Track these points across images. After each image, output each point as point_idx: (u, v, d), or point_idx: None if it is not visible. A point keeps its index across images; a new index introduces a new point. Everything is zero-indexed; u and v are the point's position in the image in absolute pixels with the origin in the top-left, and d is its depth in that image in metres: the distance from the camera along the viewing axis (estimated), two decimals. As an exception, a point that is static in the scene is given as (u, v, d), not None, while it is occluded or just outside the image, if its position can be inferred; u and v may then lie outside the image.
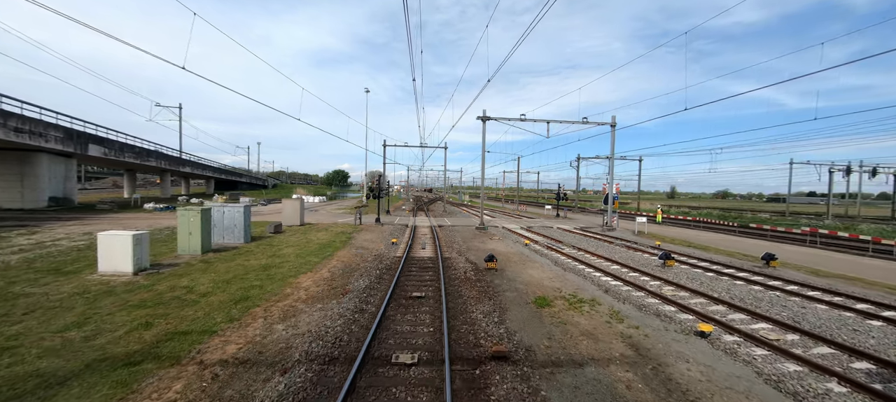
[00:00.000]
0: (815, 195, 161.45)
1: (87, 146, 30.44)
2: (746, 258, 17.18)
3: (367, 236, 21.05)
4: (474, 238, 21.93)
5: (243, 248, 15.95)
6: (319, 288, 10.55)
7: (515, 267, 13.88)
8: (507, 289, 10.93)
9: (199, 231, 13.94)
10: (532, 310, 9.10)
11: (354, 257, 15.07)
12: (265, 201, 51.16)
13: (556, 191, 40.07)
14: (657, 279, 12.43)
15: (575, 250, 18.47)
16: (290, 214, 23.86)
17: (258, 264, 13.10)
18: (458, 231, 24.98)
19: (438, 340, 7.06)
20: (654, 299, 10.28)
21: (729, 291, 11.23)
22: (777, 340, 7.44)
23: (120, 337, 6.89)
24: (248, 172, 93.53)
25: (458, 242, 20.31)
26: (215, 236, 16.90)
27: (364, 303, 9.30)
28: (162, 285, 10.30)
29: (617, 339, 7.35)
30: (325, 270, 12.78)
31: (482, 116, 25.68)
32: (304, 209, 24.75)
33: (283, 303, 9.22)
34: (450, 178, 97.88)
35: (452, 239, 21.19)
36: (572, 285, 11.53)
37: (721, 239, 24.33)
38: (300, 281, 11.21)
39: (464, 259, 15.12)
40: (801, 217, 51.97)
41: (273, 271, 12.23)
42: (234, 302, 9.10)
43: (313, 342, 6.85)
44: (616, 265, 14.82)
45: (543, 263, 14.85)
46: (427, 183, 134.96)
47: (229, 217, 16.93)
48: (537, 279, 12.10)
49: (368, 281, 11.37)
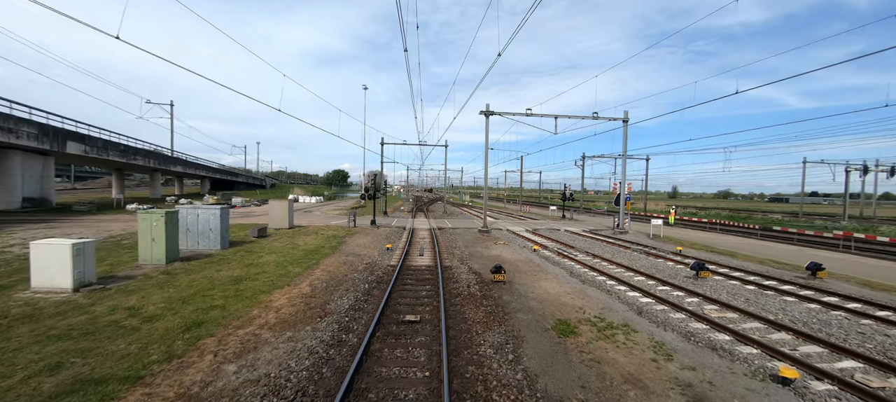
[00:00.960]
0: (817, 195, 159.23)
1: (66, 143, 28.67)
2: (784, 267, 15.36)
3: (360, 241, 19.25)
4: (477, 243, 20.14)
5: (218, 256, 14.16)
6: (294, 308, 8.76)
7: (526, 279, 12.08)
8: (519, 308, 9.13)
9: (164, 237, 12.16)
10: (553, 340, 7.30)
11: (342, 267, 13.28)
12: (259, 201, 49.39)
13: (560, 191, 38.25)
14: (694, 295, 10.62)
15: (590, 258, 16.66)
16: (278, 216, 22.07)
17: (229, 276, 11.32)
18: (460, 235, 23.19)
19: (436, 391, 5.27)
20: (700, 322, 8.47)
21: (784, 311, 9.43)
22: (883, 388, 5.64)
23: (5, 391, 5.10)
24: (245, 171, 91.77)
25: (460, 247, 18.51)
26: (188, 242, 15.13)
27: (344, 330, 7.50)
28: (103, 305, 8.52)
29: (673, 388, 5.55)
30: (306, 283, 10.99)
31: (485, 111, 23.88)
32: (292, 211, 22.98)
33: (246, 330, 7.43)
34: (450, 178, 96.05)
35: (453, 244, 19.39)
36: (596, 302, 9.73)
37: (744, 243, 22.51)
38: (273, 298, 9.42)
39: (466, 269, 13.32)
40: (815, 219, 50.13)
41: (244, 286, 10.45)
42: (184, 330, 7.32)
43: (266, 398, 5.06)
44: (640, 276, 13.01)
45: (557, 273, 13.05)
46: (427, 183, 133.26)
47: (204, 221, 15.15)
48: (553, 295, 10.30)
49: (354, 298, 9.58)
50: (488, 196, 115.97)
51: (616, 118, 25.20)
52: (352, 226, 24.67)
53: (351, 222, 24.88)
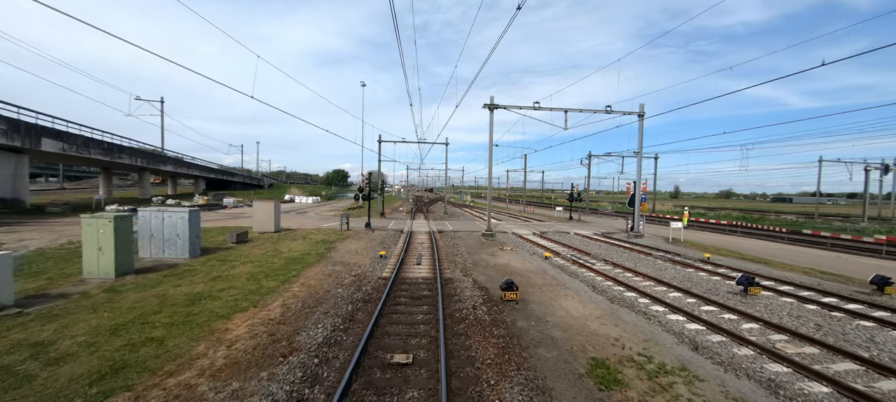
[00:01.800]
0: (822, 195, 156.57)
1: (40, 140, 26.82)
2: (835, 279, 13.42)
3: (352, 247, 17.34)
4: (481, 248, 18.21)
5: (183, 266, 12.26)
6: (254, 341, 6.86)
7: (542, 296, 10.16)
8: (539, 340, 7.22)
9: (112, 246, 10.26)
10: (592, 394, 5.39)
11: (326, 280, 11.37)
12: (250, 202, 47.48)
13: (563, 191, 36.36)
14: (749, 318, 8.70)
15: (610, 267, 14.73)
16: (263, 218, 20.18)
17: (187, 294, 9.42)
18: (462, 239, 21.27)
19: None
20: (777, 363, 6.54)
21: (874, 342, 7.50)
22: None
23: None
24: (242, 171, 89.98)
25: (462, 254, 16.60)
26: (153, 250, 13.24)
27: (310, 381, 5.60)
28: (8, 337, 6.64)
29: None
30: (278, 303, 9.09)
31: (489, 104, 21.95)
32: (279, 213, 21.09)
33: (179, 379, 5.53)
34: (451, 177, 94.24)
35: (455, 250, 17.48)
36: (635, 331, 7.80)
37: (774, 249, 20.57)
38: (231, 327, 7.52)
39: (470, 282, 11.41)
40: (831, 220, 48.12)
41: (201, 307, 8.55)
42: (96, 379, 5.44)
43: None
44: (676, 292, 11.09)
45: (577, 288, 11.12)
46: (428, 183, 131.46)
47: (170, 225, 13.25)
48: (579, 320, 8.38)
49: (333, 325, 7.67)
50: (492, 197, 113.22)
51: (631, 112, 23.26)
52: (344, 229, 22.77)
53: (343, 225, 22.97)
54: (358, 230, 22.92)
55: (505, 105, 22.28)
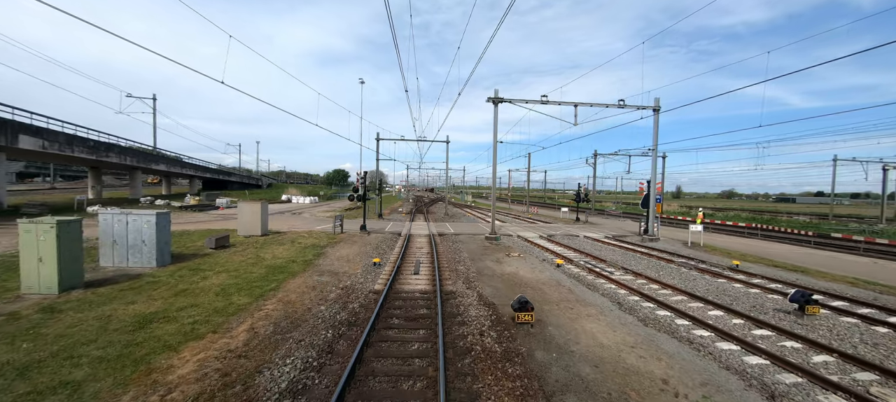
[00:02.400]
0: (823, 195, 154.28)
1: (17, 137, 25.32)
2: (891, 292, 11.82)
3: (343, 252, 15.80)
4: (485, 254, 16.65)
5: (147, 277, 10.71)
6: (198, 386, 5.30)
7: (561, 316, 8.59)
8: (567, 383, 5.64)
9: (55, 256, 8.72)
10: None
11: (309, 294, 9.82)
12: (247, 202, 45.99)
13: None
14: (820, 349, 7.12)
15: (631, 277, 13.15)
16: (248, 220, 18.63)
17: (136, 315, 7.87)
18: (464, 243, 19.70)
19: None
20: (885, 420, 4.96)
21: None
22: None
23: None
24: (239, 170, 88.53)
25: (465, 261, 15.04)
26: (115, 258, 11.70)
27: (259, 457, 4.02)
28: None
29: None
30: (246, 326, 7.53)
31: (494, 97, 20.38)
32: (266, 215, 19.54)
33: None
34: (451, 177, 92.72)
35: (457, 257, 15.92)
36: (685, 369, 6.22)
37: (801, 254, 18.95)
38: (176, 362, 5.96)
39: (476, 298, 9.83)
40: (847, 221, 46.42)
41: (147, 333, 7.00)
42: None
43: None
44: (715, 309, 9.50)
45: (602, 305, 9.54)
46: (428, 182, 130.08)
47: (135, 231, 11.70)
48: (612, 350, 6.81)
49: (305, 361, 6.11)
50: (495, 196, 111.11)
51: (645, 106, 21.65)
52: (337, 232, 21.21)
53: (337, 228, 21.41)
54: (352, 233, 21.36)
55: (510, 99, 20.70)
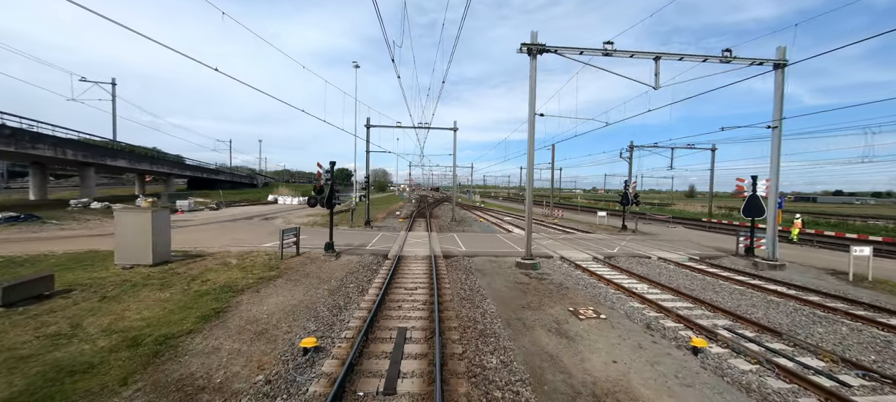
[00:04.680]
0: (842, 194, 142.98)
1: None
2: None
3: (266, 308, 8.46)
4: (529, 307, 9.19)
5: None
6: None
7: None
8: None
9: None
10: None
11: None
12: (219, 203, 39.05)
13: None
14: None
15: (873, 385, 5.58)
16: (133, 241, 11.38)
17: None
18: (485, 275, 12.31)
19: None
20: None
21: None
22: None
23: None
24: (229, 169, 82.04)
25: (496, 331, 7.59)
26: None
27: None
28: None
29: None
30: None
31: (531, 44, 12.94)
32: (167, 229, 12.30)
33: None
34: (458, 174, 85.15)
35: (478, 315, 8.50)
36: None
37: None
38: None
39: None
40: None
41: None
42: None
43: None
44: None
45: None
46: (433, 181, 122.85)
47: None
48: None
49: None
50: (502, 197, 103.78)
51: (764, 59, 13.99)
52: (288, 254, 13.96)
53: (289, 247, 14.13)
54: (313, 256, 14.08)
55: (557, 47, 13.22)
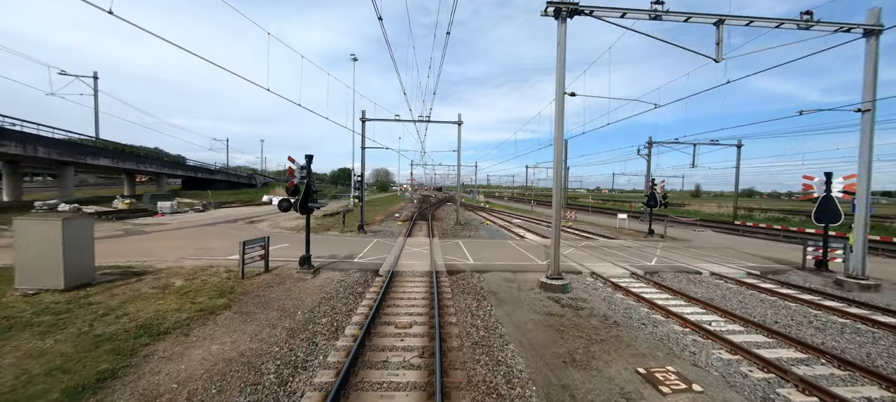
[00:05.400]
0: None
1: None
2: None
3: (208, 351, 5.66)
4: (571, 360, 6.34)
5: None
6: None
7: None
8: None
9: None
10: None
11: None
12: (206, 204, 36.42)
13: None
14: None
15: None
16: (36, 256, 8.60)
17: None
18: (501, 301, 9.49)
19: None
20: None
21: None
22: None
23: None
24: (226, 168, 79.68)
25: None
26: None
27: None
28: None
29: None
30: None
31: (559, 3, 10.10)
32: (89, 241, 9.47)
33: None
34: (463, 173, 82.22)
35: (505, 377, 5.66)
36: None
37: None
38: None
39: None
40: None
41: None
42: None
43: None
44: None
45: None
46: (436, 181, 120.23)
47: None
48: None
49: None
50: (507, 197, 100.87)
51: (853, 25, 11.04)
52: (253, 271, 11.19)
53: (253, 261, 11.33)
54: (283, 274, 11.31)
55: (592, 6, 10.36)
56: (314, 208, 11.38)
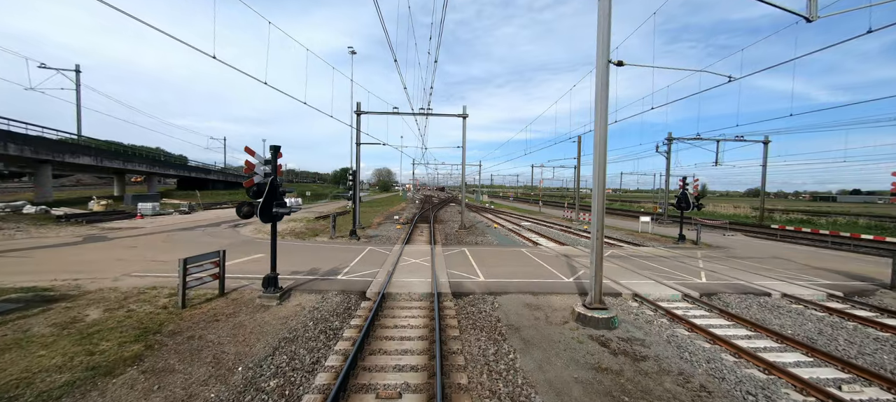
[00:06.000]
0: (859, 193, 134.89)
1: None
2: None
3: None
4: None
5: None
6: None
7: None
8: None
9: None
10: None
11: None
12: (192, 205, 34.09)
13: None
14: None
15: None
16: None
17: None
18: (527, 337, 6.94)
19: None
20: None
21: None
22: None
23: None
24: (223, 168, 77.45)
25: None
26: None
27: None
28: None
29: None
30: None
31: (601, -58, 7.54)
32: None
33: None
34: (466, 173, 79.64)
35: None
36: None
37: None
38: None
39: None
40: None
41: None
42: None
43: None
44: None
45: None
46: (439, 181, 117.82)
47: None
48: None
49: None
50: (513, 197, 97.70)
51: None
52: (210, 293, 8.71)
53: (201, 282, 8.84)
54: (245, 296, 8.83)
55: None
56: (282, 214, 8.88)
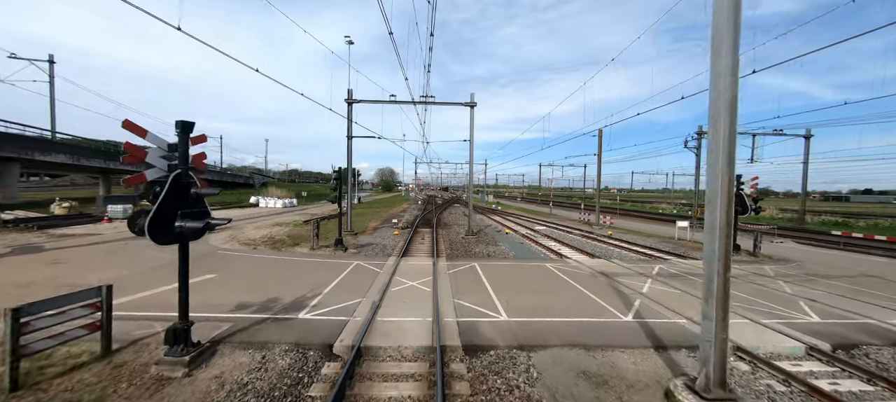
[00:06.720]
0: (871, 192, 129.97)
1: None
2: None
3: None
4: None
5: None
6: None
7: None
8: None
9: None
10: None
11: None
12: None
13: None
14: None
15: None
16: None
17: None
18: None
19: None
20: None
21: None
22: None
23: None
24: (221, 169, 74.85)
25: None
26: None
27: None
28: None
29: None
30: None
31: None
32: None
33: None
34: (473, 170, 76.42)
35: None
36: None
37: None
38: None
39: None
40: None
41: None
42: None
43: None
44: None
45: None
46: (442, 180, 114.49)
47: None
48: None
49: None
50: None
51: None
52: (81, 356, 5.53)
53: (66, 332, 5.66)
54: (131, 367, 5.65)
55: None
56: (200, 230, 5.64)
